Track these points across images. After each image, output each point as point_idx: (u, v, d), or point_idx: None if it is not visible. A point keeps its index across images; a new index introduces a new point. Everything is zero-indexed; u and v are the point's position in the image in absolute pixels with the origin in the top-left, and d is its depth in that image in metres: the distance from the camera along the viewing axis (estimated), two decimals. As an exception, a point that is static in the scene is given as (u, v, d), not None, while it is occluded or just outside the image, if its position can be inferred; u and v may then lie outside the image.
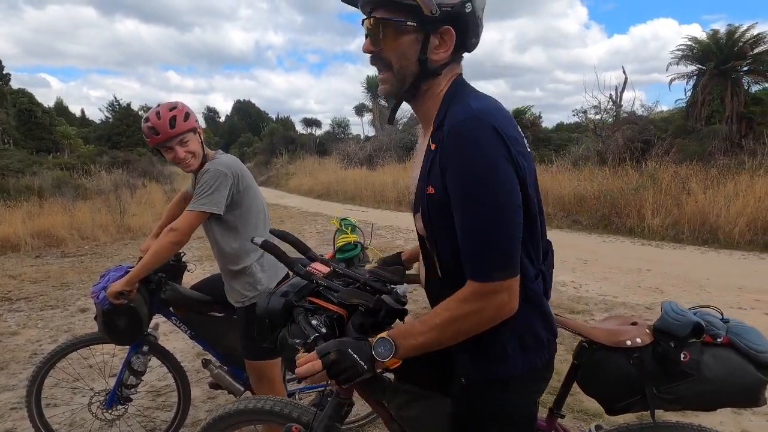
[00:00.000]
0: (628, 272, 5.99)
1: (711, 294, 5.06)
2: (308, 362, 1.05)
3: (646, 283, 5.50)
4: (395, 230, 9.82)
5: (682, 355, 1.19)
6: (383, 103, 35.84)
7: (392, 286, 1.38)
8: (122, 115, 41.64)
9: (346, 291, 1.26)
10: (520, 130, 1.06)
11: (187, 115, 2.14)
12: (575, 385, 1.37)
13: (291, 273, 1.87)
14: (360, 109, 39.44)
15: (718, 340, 1.21)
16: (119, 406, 2.46)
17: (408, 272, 1.63)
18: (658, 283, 5.48)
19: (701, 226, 7.91)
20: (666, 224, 8.29)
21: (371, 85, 35.63)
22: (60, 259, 7.69)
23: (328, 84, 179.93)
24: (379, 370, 1.08)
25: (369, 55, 1.11)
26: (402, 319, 1.27)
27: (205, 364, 2.51)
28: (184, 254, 2.58)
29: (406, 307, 1.28)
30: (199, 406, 2.98)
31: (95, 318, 2.27)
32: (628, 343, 1.24)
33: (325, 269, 1.39)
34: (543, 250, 1.16)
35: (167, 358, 2.48)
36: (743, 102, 12.72)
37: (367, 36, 1.07)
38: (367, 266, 1.57)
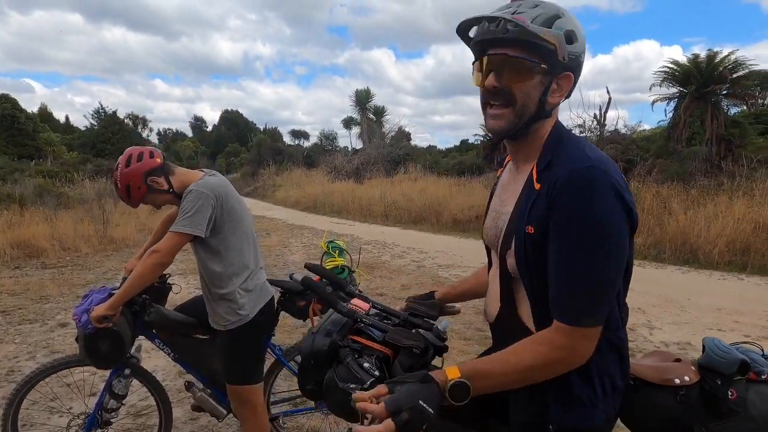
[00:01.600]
0: (611, 292, 6.06)
1: (691, 315, 5.14)
2: (382, 424, 0.92)
3: (628, 303, 5.56)
4: (381, 245, 9.82)
5: (729, 393, 1.19)
6: (371, 116, 36.05)
7: (431, 321, 1.37)
8: (108, 122, 41.28)
9: (396, 331, 1.22)
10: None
11: (128, 188, 2.17)
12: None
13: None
14: (348, 123, 39.55)
15: (763, 376, 1.22)
16: (98, 430, 2.41)
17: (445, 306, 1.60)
18: (640, 303, 5.56)
19: (682, 246, 8.06)
20: (648, 243, 8.43)
21: (360, 99, 35.83)
22: (40, 270, 7.54)
23: (316, 96, 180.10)
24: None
25: (484, 89, 1.10)
26: (441, 356, 1.25)
27: (188, 386, 2.48)
28: (169, 275, 2.56)
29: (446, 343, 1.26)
30: (180, 427, 2.93)
31: (76, 340, 2.24)
32: (677, 381, 1.23)
33: (365, 306, 1.35)
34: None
35: (149, 381, 2.44)
36: (723, 124, 13.02)
37: (491, 71, 1.07)
38: (403, 303, 1.53)
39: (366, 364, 1.14)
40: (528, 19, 1.01)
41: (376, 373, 1.12)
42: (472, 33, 1.12)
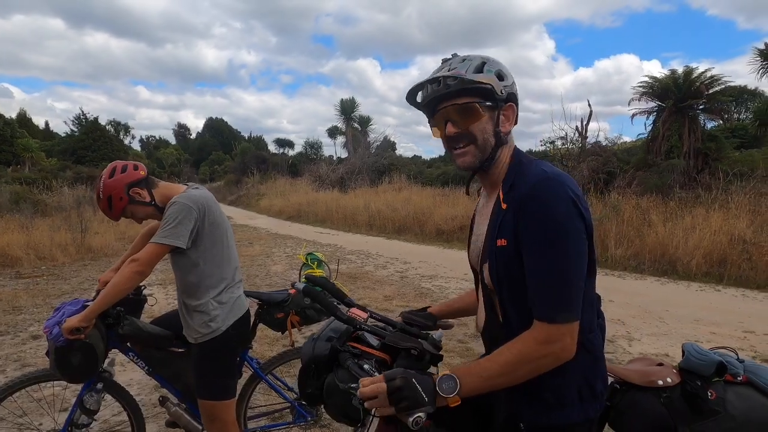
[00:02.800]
0: (591, 303, 6.11)
1: (670, 326, 5.21)
2: (374, 383, 1.07)
3: (608, 315, 5.49)
4: (365, 255, 9.80)
5: (709, 393, 1.26)
6: (356, 125, 36.14)
7: (426, 331, 1.42)
8: (89, 129, 40.64)
9: (394, 334, 1.28)
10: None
11: (110, 199, 2.16)
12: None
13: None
14: (333, 132, 39.57)
15: (738, 378, 1.29)
16: (68, 447, 2.34)
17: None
18: (620, 314, 5.62)
19: (661, 257, 8.19)
20: (628, 255, 8.55)
21: (345, 108, 35.92)
22: (14, 280, 7.35)
23: (301, 104, 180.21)
24: (439, 406, 1.10)
25: (443, 139, 1.24)
26: (436, 365, 1.29)
27: (163, 401, 2.42)
28: (145, 287, 2.51)
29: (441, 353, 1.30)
30: (154, 443, 2.86)
31: (47, 354, 2.18)
32: (660, 383, 1.31)
33: (363, 315, 1.40)
34: (595, 302, 1.25)
35: (122, 396, 2.38)
36: (699, 138, 13.33)
37: (447, 122, 1.22)
38: (398, 316, 1.59)
39: (366, 366, 1.19)
40: (462, 71, 1.18)
41: (376, 374, 1.16)
42: (419, 98, 1.28)
